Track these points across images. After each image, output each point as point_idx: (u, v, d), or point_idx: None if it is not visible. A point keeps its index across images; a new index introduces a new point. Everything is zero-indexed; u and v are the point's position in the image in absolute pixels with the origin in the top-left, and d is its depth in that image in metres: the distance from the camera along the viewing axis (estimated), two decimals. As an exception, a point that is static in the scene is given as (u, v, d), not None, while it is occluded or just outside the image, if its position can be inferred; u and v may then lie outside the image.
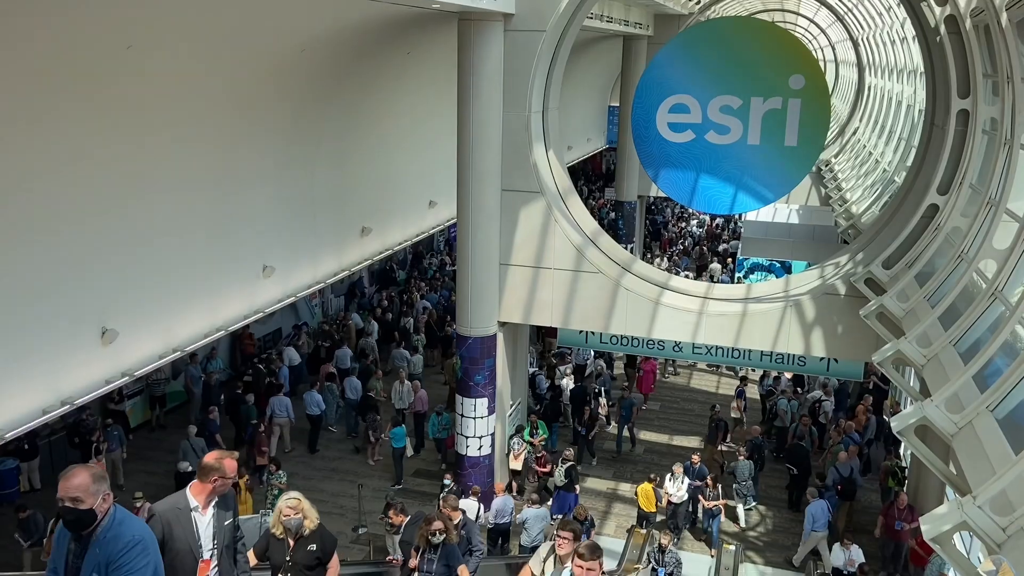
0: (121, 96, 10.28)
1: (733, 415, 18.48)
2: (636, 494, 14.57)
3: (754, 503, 15.64)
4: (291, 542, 6.70)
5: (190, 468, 14.06)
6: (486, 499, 13.77)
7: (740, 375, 20.80)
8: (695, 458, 14.80)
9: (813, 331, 13.51)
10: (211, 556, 5.51)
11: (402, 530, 9.45)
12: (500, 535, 13.53)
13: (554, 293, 14.63)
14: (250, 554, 6.54)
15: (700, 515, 14.81)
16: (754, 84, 13.66)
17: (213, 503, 5.57)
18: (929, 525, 5.91)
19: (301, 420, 17.43)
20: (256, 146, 13.95)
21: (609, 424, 18.32)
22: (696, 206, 15.17)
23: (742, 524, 14.73)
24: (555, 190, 14.53)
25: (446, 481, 14.11)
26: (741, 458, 15.23)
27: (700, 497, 14.45)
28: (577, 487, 14.79)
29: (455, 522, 9.08)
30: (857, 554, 12.29)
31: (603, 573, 5.63)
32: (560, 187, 14.67)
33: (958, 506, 5.78)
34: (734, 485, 15.18)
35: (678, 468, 14.28)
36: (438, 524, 8.07)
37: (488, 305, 14.55)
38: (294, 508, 6.70)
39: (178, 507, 5.48)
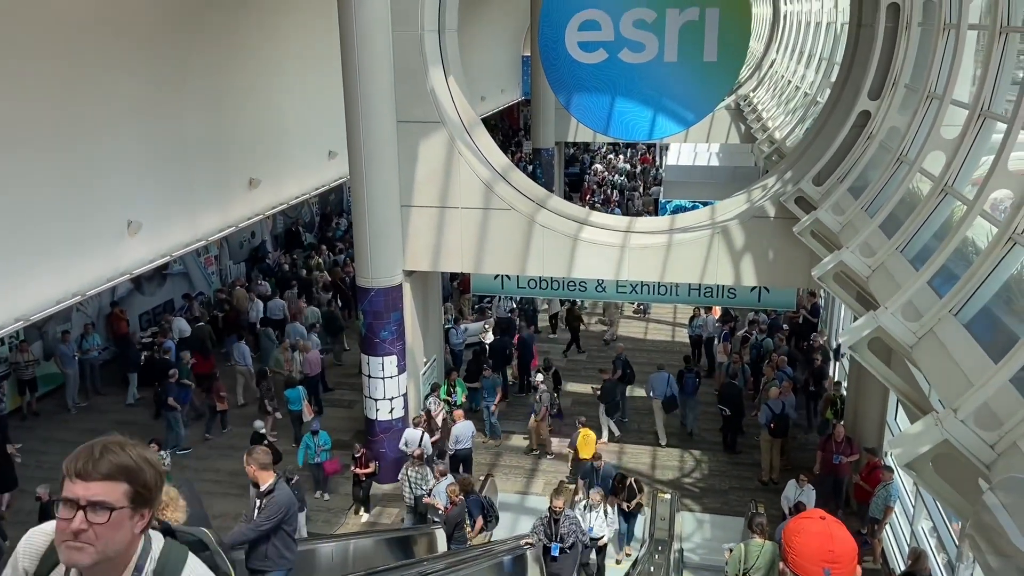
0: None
1: (719, 359, 17.64)
2: (574, 448, 13.52)
3: (625, 419, 15.82)
4: None
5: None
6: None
7: (727, 318, 19.28)
8: (598, 463, 12.18)
9: (743, 259, 12.55)
10: None
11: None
12: (461, 462, 13.20)
13: (463, 235, 13.24)
14: None
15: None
16: (669, -7, 12.48)
17: None
18: (901, 448, 4.85)
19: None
20: (108, 83, 12.05)
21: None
22: (613, 133, 13.95)
23: (614, 433, 14.28)
24: (458, 120, 13.05)
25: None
26: (606, 377, 15.22)
27: (614, 499, 11.83)
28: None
29: (264, 488, 6.85)
30: (808, 496, 11.53)
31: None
32: (464, 117, 13.19)
33: (936, 423, 4.71)
34: (602, 406, 15.13)
35: (596, 496, 10.96)
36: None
37: (390, 252, 13.06)
38: None
39: None
